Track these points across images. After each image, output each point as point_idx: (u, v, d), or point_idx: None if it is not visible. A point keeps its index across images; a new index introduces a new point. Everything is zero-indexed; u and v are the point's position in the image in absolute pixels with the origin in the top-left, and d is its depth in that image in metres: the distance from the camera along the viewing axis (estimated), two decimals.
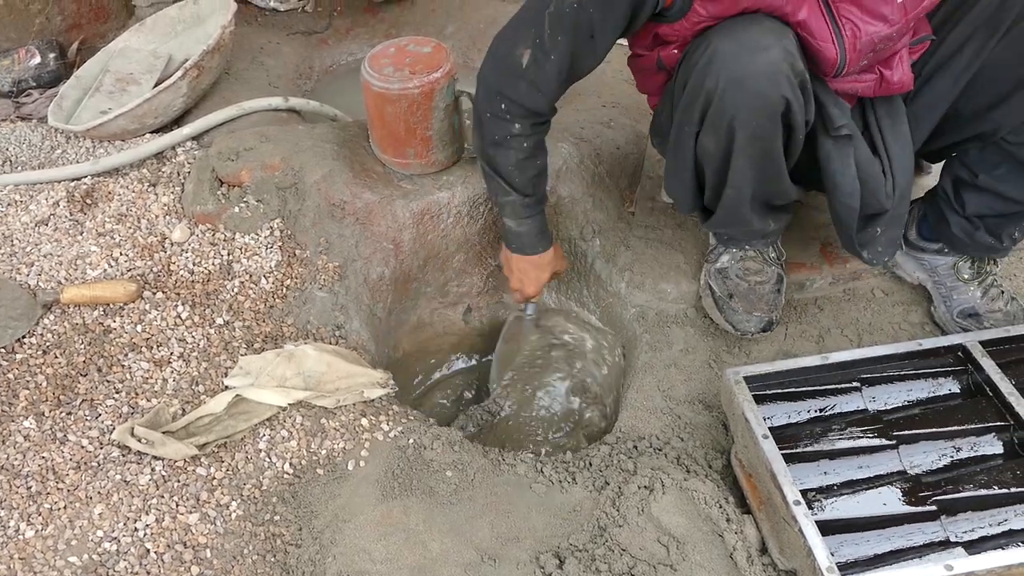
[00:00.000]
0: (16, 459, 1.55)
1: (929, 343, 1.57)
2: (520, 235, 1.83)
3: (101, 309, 1.83)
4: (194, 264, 1.93)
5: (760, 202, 1.64)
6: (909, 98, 1.64)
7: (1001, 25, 1.50)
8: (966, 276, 1.81)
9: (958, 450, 1.43)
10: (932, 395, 1.53)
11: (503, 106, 1.61)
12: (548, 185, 1.83)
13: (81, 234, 1.99)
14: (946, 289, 1.84)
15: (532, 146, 1.68)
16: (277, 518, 1.50)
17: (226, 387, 1.68)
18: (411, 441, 1.61)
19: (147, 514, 1.48)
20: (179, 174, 2.15)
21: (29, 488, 1.51)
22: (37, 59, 2.58)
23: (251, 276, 1.90)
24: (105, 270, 1.91)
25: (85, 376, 1.70)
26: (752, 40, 1.39)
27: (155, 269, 1.91)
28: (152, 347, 1.76)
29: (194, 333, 1.79)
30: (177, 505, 1.50)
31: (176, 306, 1.83)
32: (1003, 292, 1.81)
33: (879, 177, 1.59)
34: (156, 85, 2.31)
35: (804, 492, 1.34)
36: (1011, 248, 1.80)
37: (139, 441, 1.55)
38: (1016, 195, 1.66)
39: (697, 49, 1.47)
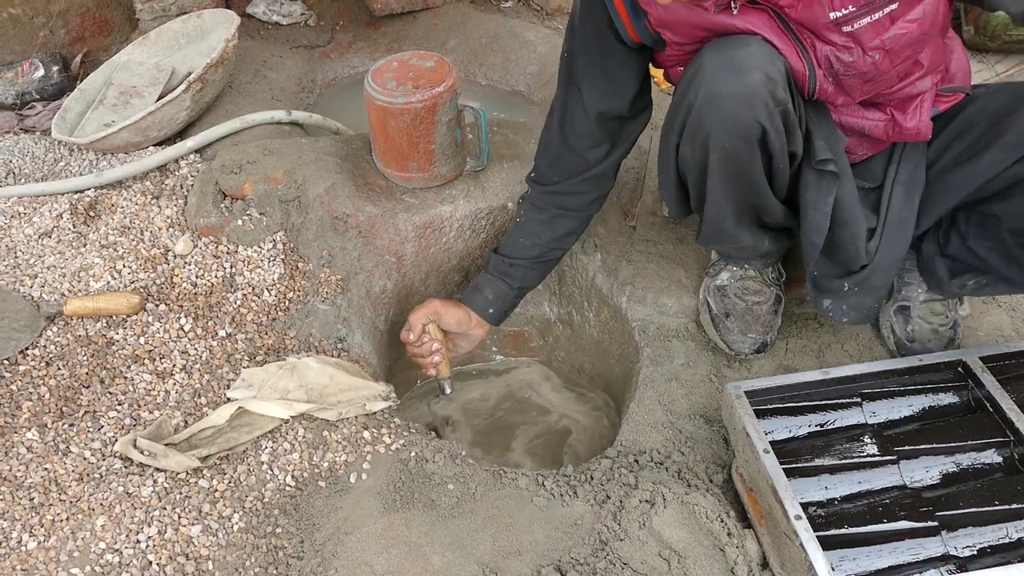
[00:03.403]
0: (19, 470, 1.56)
1: (929, 358, 1.57)
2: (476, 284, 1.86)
3: (104, 321, 1.83)
4: (197, 276, 1.93)
5: (748, 218, 1.62)
6: (930, 175, 1.60)
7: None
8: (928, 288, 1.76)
9: (958, 465, 1.44)
10: (932, 410, 1.53)
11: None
12: (538, 276, 1.87)
13: (84, 246, 2.00)
14: (900, 283, 1.78)
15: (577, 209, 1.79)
16: (279, 530, 1.50)
17: (228, 399, 1.69)
18: (413, 454, 1.61)
19: (149, 526, 1.48)
20: (182, 187, 2.16)
21: (31, 499, 1.52)
22: (41, 72, 2.60)
23: (254, 289, 1.91)
24: (108, 282, 1.91)
25: (88, 388, 1.70)
26: (737, 60, 1.36)
27: (158, 281, 1.92)
28: (155, 359, 1.76)
29: (197, 345, 1.79)
30: (179, 517, 1.50)
31: (179, 318, 1.84)
32: (948, 317, 1.75)
33: (861, 225, 1.56)
34: (160, 98, 2.32)
35: (805, 506, 1.34)
36: (955, 293, 1.74)
37: (141, 453, 1.56)
38: (994, 264, 1.61)
39: (693, 60, 1.47)
